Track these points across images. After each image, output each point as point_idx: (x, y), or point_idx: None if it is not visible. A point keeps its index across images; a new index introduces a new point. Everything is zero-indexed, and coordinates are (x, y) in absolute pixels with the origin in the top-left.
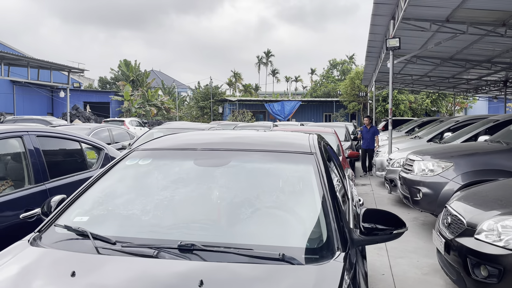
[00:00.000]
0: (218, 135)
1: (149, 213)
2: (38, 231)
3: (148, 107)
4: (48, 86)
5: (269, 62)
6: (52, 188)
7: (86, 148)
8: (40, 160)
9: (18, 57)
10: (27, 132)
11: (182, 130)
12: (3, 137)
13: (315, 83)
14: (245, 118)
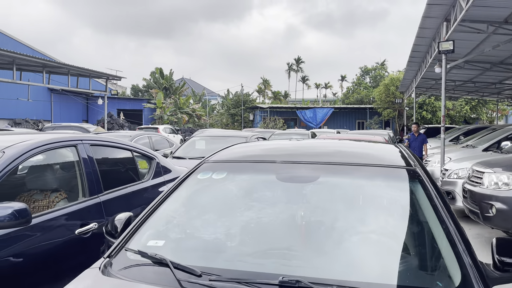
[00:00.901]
0: (293, 145)
1: (235, 237)
2: (108, 256)
3: (179, 115)
4: (83, 93)
5: (299, 69)
6: (106, 201)
7: (137, 157)
8: (94, 171)
9: (59, 65)
10: (81, 141)
11: (224, 138)
12: (58, 146)
13: (347, 89)
14: (276, 125)
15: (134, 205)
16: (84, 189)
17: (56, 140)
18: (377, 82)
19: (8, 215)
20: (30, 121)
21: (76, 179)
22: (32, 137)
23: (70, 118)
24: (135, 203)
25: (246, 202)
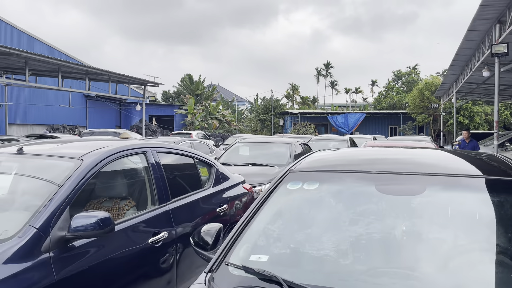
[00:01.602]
0: (380, 154)
1: (346, 254)
2: (209, 271)
3: (210, 120)
4: (117, 99)
5: (328, 74)
6: (174, 209)
7: (198, 165)
8: (162, 179)
9: (101, 72)
10: (149, 148)
11: (267, 144)
12: (130, 154)
13: (378, 94)
14: (307, 131)
15: (199, 213)
16: (154, 197)
17: (128, 147)
18: (410, 87)
19: (92, 224)
20: (67, 127)
21: (145, 187)
22: (105, 144)
23: (103, 123)
24: (200, 211)
25: (349, 216)
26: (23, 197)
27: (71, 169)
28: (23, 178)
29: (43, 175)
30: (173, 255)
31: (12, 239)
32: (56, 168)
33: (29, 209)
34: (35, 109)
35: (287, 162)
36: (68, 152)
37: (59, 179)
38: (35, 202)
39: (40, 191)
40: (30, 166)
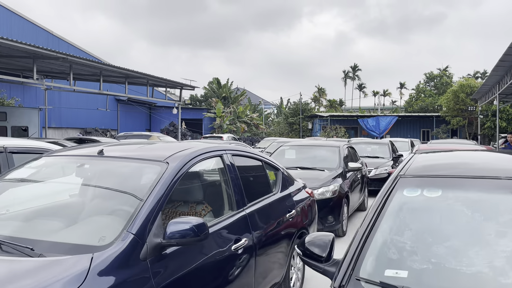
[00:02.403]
0: (491, 158)
1: (505, 272)
2: (339, 286)
3: (238, 124)
4: (147, 103)
5: (356, 77)
6: (251, 214)
7: (267, 168)
8: (239, 183)
9: (140, 76)
10: (225, 151)
11: (315, 147)
12: (209, 156)
13: (409, 97)
14: (337, 134)
15: (272, 218)
16: (231, 201)
17: (208, 149)
18: (442, 89)
19: (188, 231)
20: (99, 130)
21: (222, 191)
22: (184, 146)
23: (134, 127)
24: (273, 216)
25: (493, 227)
26: (112, 201)
27: (159, 172)
28: (109, 182)
29: (130, 179)
30: (252, 263)
31: (112, 246)
32: (142, 171)
33: (121, 214)
34: (70, 112)
35: (336, 166)
36: (151, 155)
37: (148, 183)
38: (125, 207)
39: (130, 195)
40: (114, 169)
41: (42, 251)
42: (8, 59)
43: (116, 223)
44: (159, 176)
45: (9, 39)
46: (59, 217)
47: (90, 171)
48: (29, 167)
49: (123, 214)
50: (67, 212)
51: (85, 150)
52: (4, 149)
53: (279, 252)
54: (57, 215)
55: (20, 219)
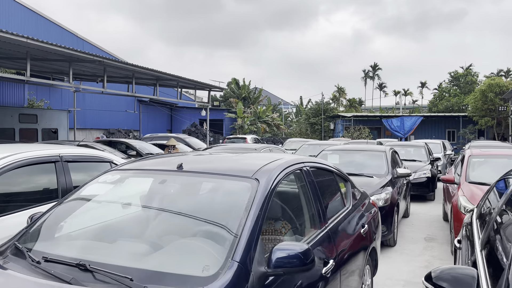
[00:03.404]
0: None
1: None
2: None
3: (259, 124)
4: (168, 104)
5: (376, 76)
6: (332, 233)
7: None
8: (319, 197)
9: (171, 77)
10: (304, 163)
11: (360, 152)
12: (292, 170)
13: (433, 96)
14: (361, 134)
15: (350, 235)
16: (313, 218)
17: (291, 162)
18: (467, 88)
19: (295, 258)
20: (122, 131)
21: (301, 207)
22: (267, 159)
23: (155, 128)
24: (350, 233)
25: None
26: (201, 223)
27: (250, 191)
28: (194, 201)
29: (217, 197)
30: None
31: (219, 278)
32: (229, 189)
33: (216, 238)
34: (94, 114)
35: (385, 172)
36: (236, 169)
37: (240, 203)
38: (218, 229)
39: (221, 216)
40: (197, 186)
41: (144, 282)
42: (43, 62)
43: (215, 249)
44: (252, 195)
45: (48, 42)
46: (143, 239)
47: (170, 188)
48: (102, 182)
49: (219, 239)
50: (152, 234)
51: (160, 163)
52: (60, 158)
53: (356, 272)
54: (140, 237)
55: (101, 240)
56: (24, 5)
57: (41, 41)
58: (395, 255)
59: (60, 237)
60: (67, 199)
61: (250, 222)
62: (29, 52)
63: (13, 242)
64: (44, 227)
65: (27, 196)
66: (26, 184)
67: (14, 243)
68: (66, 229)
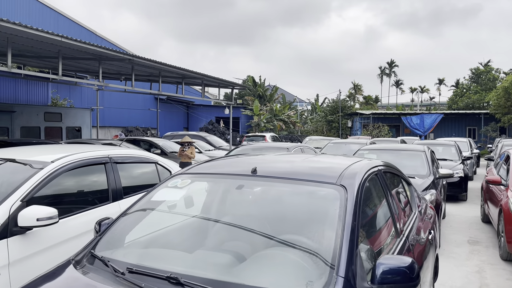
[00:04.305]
0: None
1: None
2: None
3: (275, 122)
4: (184, 102)
5: (392, 73)
6: (409, 240)
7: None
8: (394, 204)
9: (195, 75)
10: (378, 167)
11: (397, 151)
12: (371, 176)
13: (453, 93)
14: (380, 132)
15: (421, 244)
16: (392, 226)
17: (370, 166)
18: (488, 85)
19: (400, 274)
20: (140, 129)
21: (379, 214)
22: (345, 162)
23: (172, 125)
24: (422, 241)
25: None
26: (288, 233)
27: (339, 198)
28: (275, 209)
29: (301, 205)
30: None
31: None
32: (314, 196)
33: (313, 251)
34: (112, 112)
35: (426, 173)
36: (317, 174)
37: (332, 212)
38: (313, 241)
39: (313, 226)
40: (277, 192)
41: None
42: (71, 61)
43: (313, 262)
44: (342, 203)
45: (80, 40)
46: (225, 249)
47: (248, 194)
48: (172, 186)
49: (315, 251)
50: (234, 243)
51: (230, 167)
52: (110, 159)
53: (428, 280)
54: (221, 247)
55: (179, 249)
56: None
57: (74, 40)
58: (442, 259)
59: (135, 246)
60: (136, 204)
61: (347, 233)
62: (61, 51)
63: (88, 250)
64: (117, 234)
65: (81, 197)
66: (79, 185)
67: (90, 252)
68: (140, 237)
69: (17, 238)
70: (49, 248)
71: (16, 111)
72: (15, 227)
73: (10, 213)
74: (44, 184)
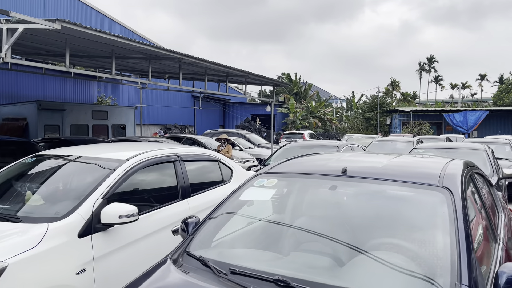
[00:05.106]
0: None
1: None
2: None
3: (311, 119)
4: (220, 100)
5: (432, 69)
6: (506, 246)
7: None
8: (490, 208)
9: (239, 73)
10: (470, 167)
11: (452, 149)
12: (468, 177)
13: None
14: (421, 130)
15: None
16: (489, 231)
17: (465, 164)
18: None
19: None
20: (178, 127)
21: (474, 217)
22: (439, 161)
23: (209, 123)
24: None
25: None
26: (398, 238)
27: (446, 201)
28: (374, 211)
29: (404, 208)
30: None
31: None
32: (416, 198)
33: (426, 257)
34: (151, 110)
35: (490, 173)
36: (415, 174)
37: (441, 217)
38: (424, 247)
39: (422, 231)
40: (373, 194)
41: None
42: (120, 60)
43: (429, 269)
44: (450, 206)
45: (133, 40)
46: (320, 253)
47: (341, 196)
48: (259, 186)
49: (428, 257)
50: (331, 247)
51: (317, 166)
52: (178, 157)
53: None
54: (317, 251)
55: (273, 251)
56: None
57: (128, 39)
58: None
59: (227, 245)
60: (224, 203)
61: (462, 239)
62: (114, 51)
63: (183, 249)
64: (208, 233)
65: (153, 195)
66: (151, 183)
67: (185, 251)
68: (230, 237)
69: (99, 234)
70: (128, 244)
71: (66, 110)
72: (98, 224)
73: (93, 210)
74: (122, 181)
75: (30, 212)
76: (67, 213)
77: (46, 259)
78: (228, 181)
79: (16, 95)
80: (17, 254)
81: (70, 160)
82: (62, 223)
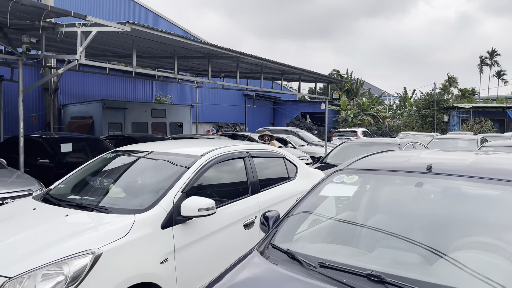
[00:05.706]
0: None
1: None
2: None
3: (364, 116)
4: (271, 97)
5: (494, 63)
6: None
7: None
8: None
9: (294, 71)
10: None
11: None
12: None
13: None
14: (482, 128)
15: None
16: None
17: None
18: None
19: None
20: (229, 124)
21: None
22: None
23: (259, 121)
24: None
25: None
26: (483, 237)
27: None
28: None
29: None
30: None
31: None
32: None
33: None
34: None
35: None
36: (504, 172)
37: None
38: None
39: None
40: (463, 192)
41: None
42: (180, 60)
43: None
44: None
45: (195, 40)
46: (407, 249)
47: (427, 193)
48: (339, 182)
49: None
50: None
51: (398, 163)
52: (248, 153)
53: None
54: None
55: (358, 247)
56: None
57: (190, 39)
58: None
59: (309, 239)
60: (304, 199)
61: None
62: (176, 51)
63: (268, 242)
64: (291, 228)
65: (225, 189)
66: (224, 178)
67: (270, 243)
68: (313, 232)
69: (180, 226)
70: (206, 236)
71: (128, 108)
72: (178, 216)
73: (174, 203)
74: (198, 176)
75: (116, 204)
76: (151, 205)
77: (134, 248)
78: (294, 177)
79: (82, 94)
80: (110, 242)
81: (147, 155)
82: (147, 214)
